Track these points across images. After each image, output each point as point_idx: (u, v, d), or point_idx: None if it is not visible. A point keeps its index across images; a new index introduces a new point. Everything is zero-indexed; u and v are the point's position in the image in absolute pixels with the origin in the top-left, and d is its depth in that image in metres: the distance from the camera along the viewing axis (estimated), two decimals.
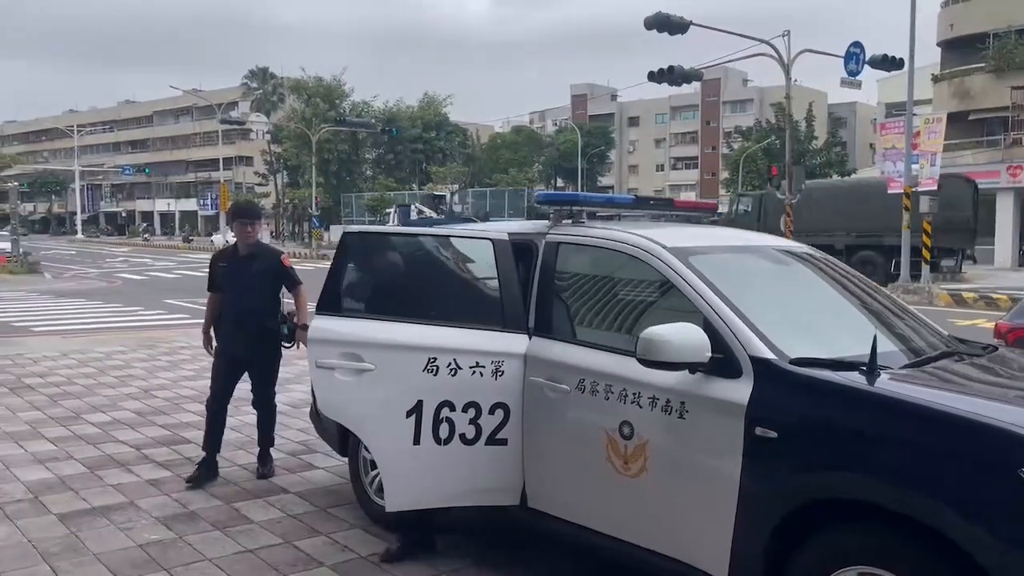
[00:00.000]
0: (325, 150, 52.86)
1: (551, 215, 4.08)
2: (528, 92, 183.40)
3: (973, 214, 21.60)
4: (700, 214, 4.57)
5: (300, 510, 4.82)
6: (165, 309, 16.84)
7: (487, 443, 3.75)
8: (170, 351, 10.84)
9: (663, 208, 4.37)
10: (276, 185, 62.52)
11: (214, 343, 5.63)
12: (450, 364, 3.68)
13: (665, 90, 59.09)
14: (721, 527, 3.02)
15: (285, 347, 5.43)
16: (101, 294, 20.66)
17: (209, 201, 77.47)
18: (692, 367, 3.08)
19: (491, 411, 3.75)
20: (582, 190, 64.33)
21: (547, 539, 3.91)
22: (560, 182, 74.47)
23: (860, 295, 4.00)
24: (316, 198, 46.22)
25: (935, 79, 33.07)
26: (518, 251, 3.97)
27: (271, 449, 5.64)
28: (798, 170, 21.44)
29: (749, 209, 26.96)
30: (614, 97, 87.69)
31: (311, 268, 30.15)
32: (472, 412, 3.72)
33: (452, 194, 54.45)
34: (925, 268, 18.71)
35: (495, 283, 3.87)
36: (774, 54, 20.21)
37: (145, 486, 5.24)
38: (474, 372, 3.71)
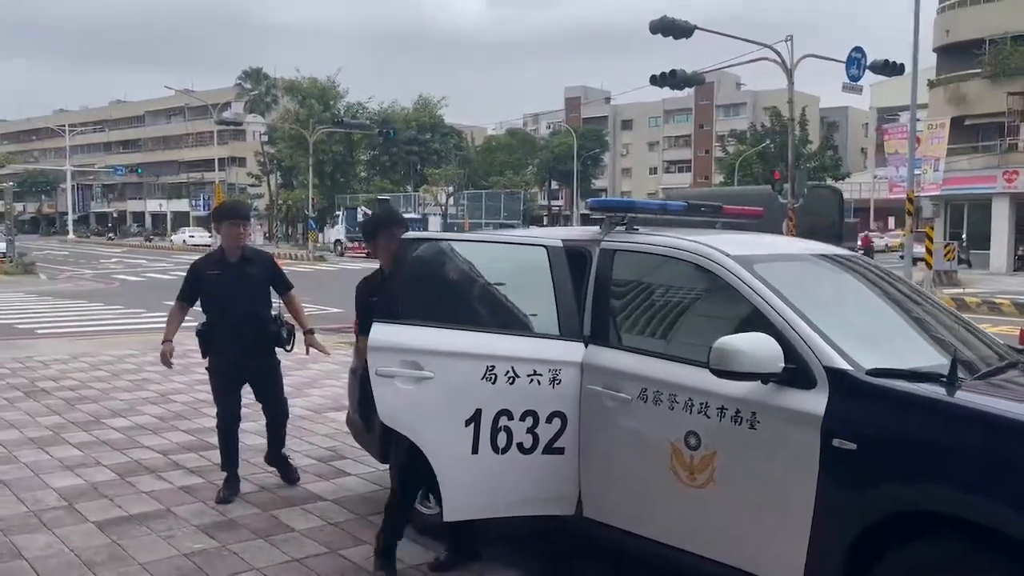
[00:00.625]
0: (320, 151, 52.72)
1: (602, 221, 4.05)
2: (522, 94, 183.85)
3: (839, 219, 23.36)
4: (745, 220, 4.55)
5: (340, 518, 4.78)
6: (168, 311, 16.69)
7: (544, 452, 3.71)
8: (181, 355, 10.64)
9: (713, 215, 4.34)
10: (269, 186, 62.35)
11: (172, 356, 5.33)
12: (508, 372, 3.63)
13: (658, 93, 59.12)
14: (795, 540, 3.00)
15: (285, 351, 5.26)
16: (100, 295, 20.53)
17: (201, 202, 77.21)
18: (765, 377, 3.06)
19: (548, 420, 3.71)
20: (576, 193, 64.45)
21: (602, 549, 3.88)
22: (555, 184, 74.54)
23: (913, 302, 3.99)
24: (312, 200, 46.07)
25: (931, 84, 33.23)
26: (572, 258, 3.95)
27: (284, 451, 5.51)
28: (800, 174, 21.51)
29: None
30: (608, 100, 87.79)
31: (308, 270, 30.08)
32: (530, 421, 3.67)
33: (448, 196, 54.58)
34: (928, 272, 18.80)
35: (550, 290, 3.84)
36: (777, 59, 20.27)
37: (179, 493, 5.19)
38: (532, 380, 3.67)
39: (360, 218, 44.07)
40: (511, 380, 3.63)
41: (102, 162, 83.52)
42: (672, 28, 17.94)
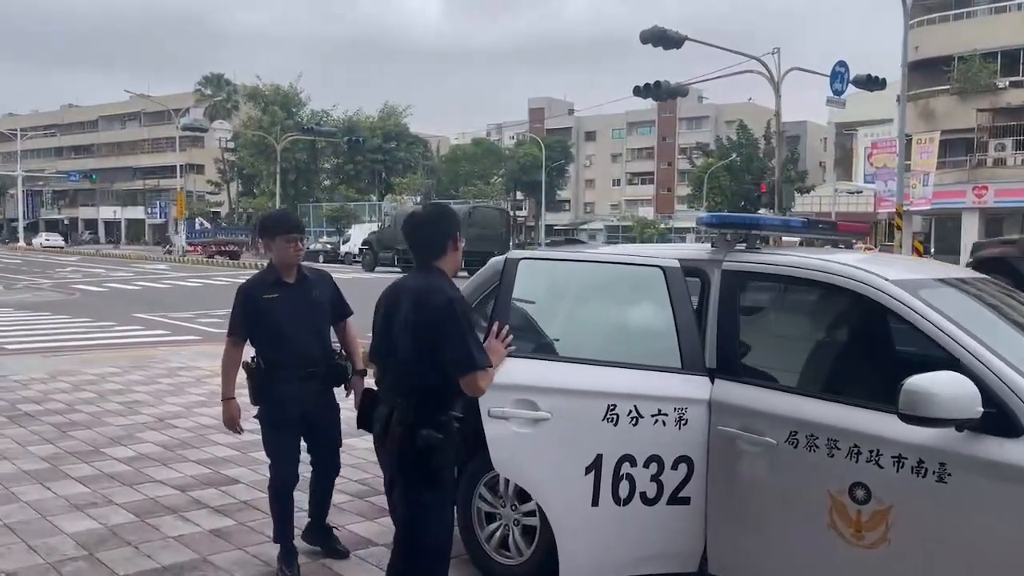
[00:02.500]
0: (283, 159, 51.77)
1: (716, 239, 3.64)
2: (483, 105, 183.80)
3: (505, 231, 31.45)
4: (850, 237, 4.19)
5: None
6: (141, 324, 15.93)
7: (669, 502, 3.30)
8: (168, 372, 10.09)
9: (828, 231, 3.97)
10: (229, 194, 61.04)
11: (241, 416, 4.15)
12: (631, 412, 3.24)
13: (621, 105, 59.66)
14: None
15: (344, 394, 4.26)
16: (64, 307, 19.54)
17: (158, 209, 75.37)
18: (960, 424, 2.67)
19: (674, 466, 3.30)
20: (543, 204, 64.19)
21: None
22: (519, 195, 74.31)
23: None
24: (281, 207, 45.12)
25: (899, 100, 33.68)
26: (689, 279, 3.54)
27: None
28: (787, 188, 21.46)
29: None
30: (571, 111, 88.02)
31: None
32: (654, 467, 3.27)
33: (415, 205, 53.81)
34: None
35: (669, 316, 3.43)
36: (764, 71, 20.20)
37: (211, 538, 4.63)
38: (656, 421, 3.27)
39: (197, 227, 52.61)
40: (634, 421, 3.24)
41: (53, 167, 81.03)
42: (663, 38, 17.74)
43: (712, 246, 3.67)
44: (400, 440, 2.92)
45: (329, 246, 44.78)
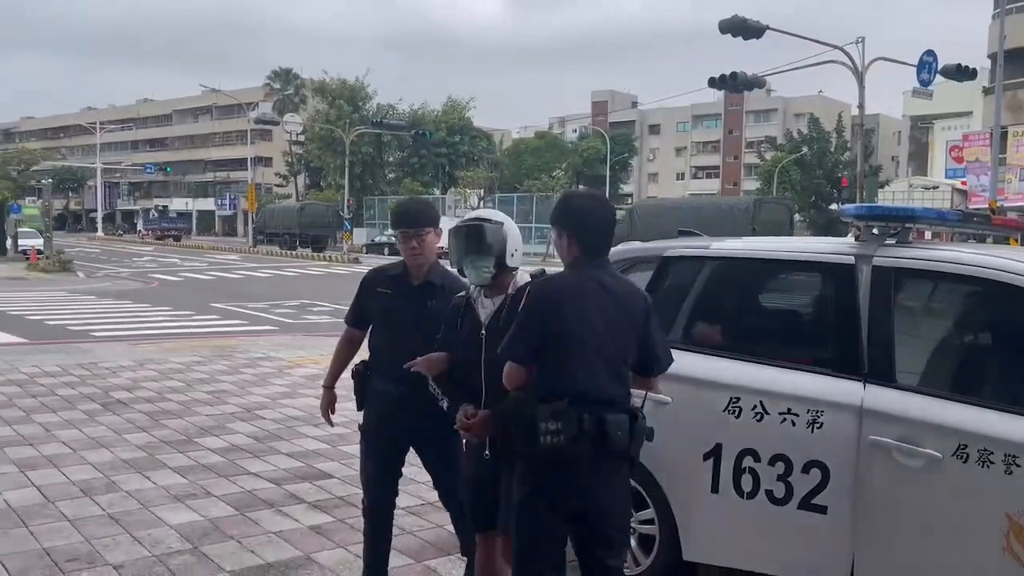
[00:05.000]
0: (350, 152, 52.37)
1: (863, 232, 3.37)
2: (546, 98, 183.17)
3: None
4: (1007, 232, 3.87)
5: None
6: (218, 314, 16.19)
7: (800, 507, 3.13)
8: (250, 363, 10.15)
9: (983, 225, 3.66)
10: (296, 186, 62.03)
11: (333, 410, 3.79)
12: (755, 407, 3.17)
13: (687, 98, 58.64)
14: None
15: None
16: (144, 296, 20.03)
17: (227, 201, 77.19)
18: None
19: (804, 470, 3.13)
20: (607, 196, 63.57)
21: None
22: (582, 188, 73.79)
23: None
24: (349, 200, 45.67)
25: (986, 92, 32.27)
26: (831, 275, 3.30)
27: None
28: (869, 181, 20.72)
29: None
30: (635, 104, 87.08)
31: (345, 272, 29.55)
32: (781, 467, 3.15)
33: (479, 199, 53.93)
34: None
35: (819, 313, 3.27)
36: (847, 61, 19.49)
37: (312, 535, 4.55)
38: (784, 420, 3.14)
39: (151, 217, 65.93)
40: (758, 417, 3.16)
41: (129, 160, 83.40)
42: (743, 28, 17.24)
43: (856, 239, 3.40)
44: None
45: (394, 239, 45.23)
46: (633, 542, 3.82)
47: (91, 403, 7.66)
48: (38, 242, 30.98)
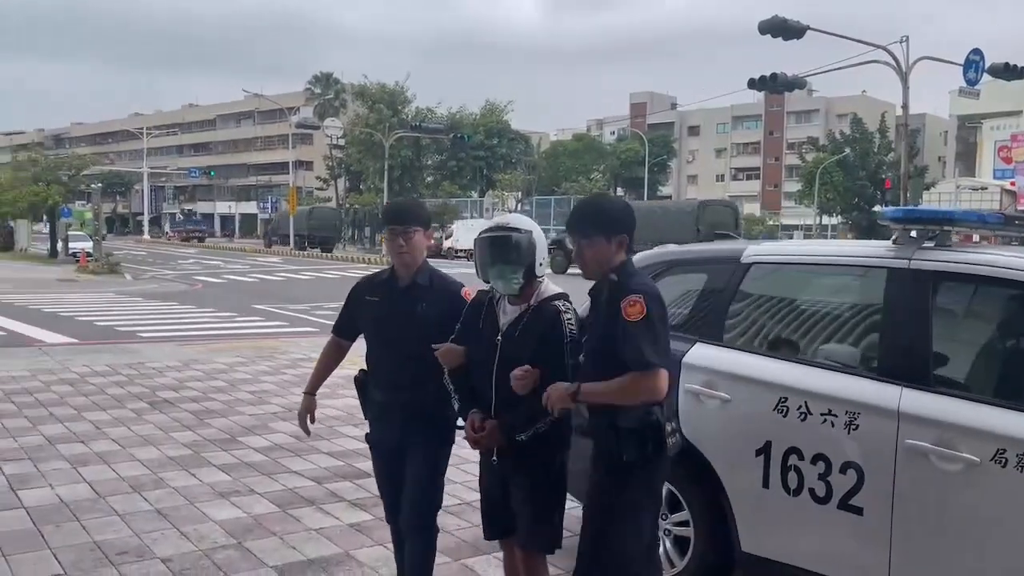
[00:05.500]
0: (389, 156, 52.88)
1: (900, 235, 3.35)
2: (584, 100, 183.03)
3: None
4: None
5: None
6: (260, 316, 16.46)
7: (839, 507, 3.17)
8: (291, 364, 10.33)
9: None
10: (337, 190, 62.69)
11: (312, 419, 3.62)
12: (800, 407, 3.26)
13: (727, 99, 58.17)
14: None
15: (458, 428, 3.34)
16: (189, 297, 20.45)
17: (269, 204, 78.32)
18: None
19: (842, 470, 3.19)
20: (645, 199, 63.37)
21: None
22: (620, 191, 73.56)
23: None
24: (387, 204, 46.18)
25: None
26: (871, 279, 3.32)
27: None
28: (914, 183, 20.37)
29: None
30: (674, 105, 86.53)
31: None
32: (821, 466, 3.21)
33: (517, 202, 54.09)
34: None
35: (856, 316, 3.36)
36: (890, 60, 19.19)
37: (352, 533, 4.64)
38: (824, 420, 3.20)
39: (178, 219, 68.95)
40: (802, 417, 3.24)
41: (174, 164, 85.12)
42: (783, 29, 17.08)
43: (894, 243, 3.39)
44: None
45: (432, 241, 45.64)
46: (668, 543, 3.87)
47: (139, 402, 7.87)
48: (87, 245, 31.80)
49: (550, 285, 3.04)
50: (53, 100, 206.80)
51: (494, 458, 3.04)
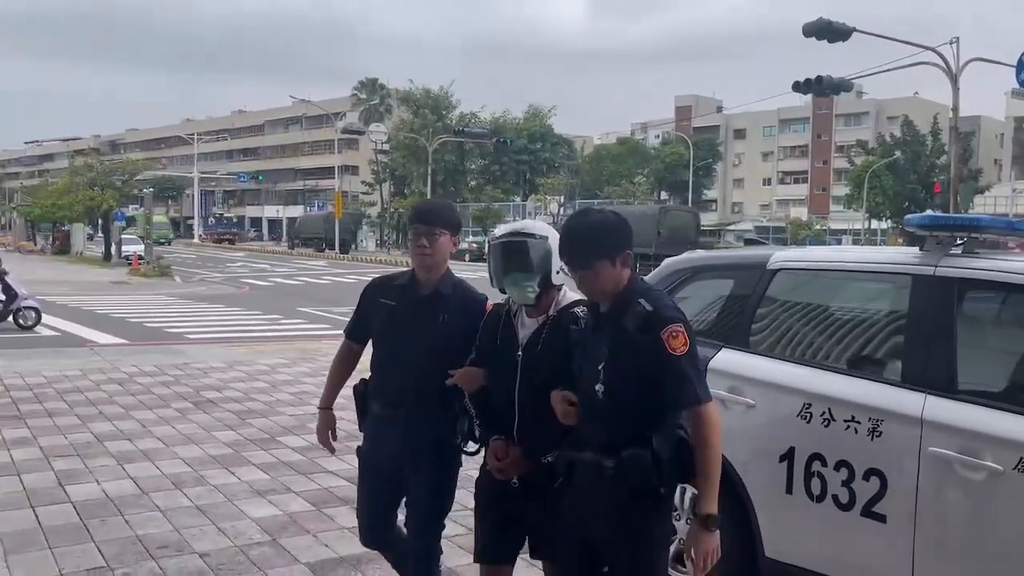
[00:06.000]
0: (432, 160, 53.38)
1: (927, 242, 3.34)
2: (628, 104, 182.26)
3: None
4: None
5: None
6: (304, 318, 16.76)
7: (862, 514, 3.15)
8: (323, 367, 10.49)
9: None
10: (382, 194, 63.41)
11: (336, 434, 3.45)
12: (824, 414, 3.26)
13: (773, 102, 57.50)
14: None
15: (467, 453, 3.11)
16: (236, 300, 20.88)
17: (316, 208, 79.51)
18: None
19: (865, 477, 3.16)
20: (690, 204, 62.94)
21: None
22: (664, 195, 73.12)
23: None
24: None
25: None
26: (896, 286, 3.31)
27: None
28: (965, 187, 19.92)
29: None
30: (720, 108, 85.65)
31: None
32: (844, 473, 3.19)
33: (559, 206, 54.12)
34: None
35: (881, 323, 3.37)
36: (939, 62, 18.81)
37: None
38: (848, 427, 3.19)
39: (210, 223, 71.83)
40: (826, 423, 3.24)
41: (224, 169, 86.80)
42: (828, 31, 16.86)
43: (920, 249, 3.37)
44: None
45: (475, 245, 45.91)
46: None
47: (184, 401, 8.10)
48: (139, 248, 32.67)
49: (568, 292, 2.87)
50: (110, 107, 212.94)
51: (515, 480, 2.85)
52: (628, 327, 2.47)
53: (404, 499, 3.23)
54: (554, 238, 2.78)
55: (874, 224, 54.13)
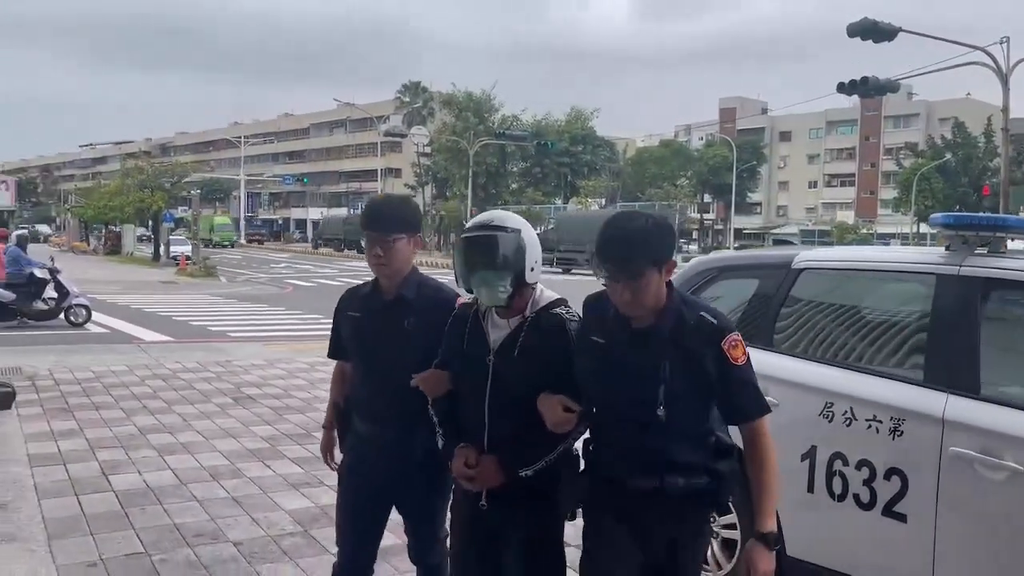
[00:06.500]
0: (474, 163, 53.66)
1: (953, 241, 3.32)
2: (671, 106, 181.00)
3: None
4: None
5: None
6: None
7: (883, 513, 3.16)
8: None
9: None
10: (424, 197, 63.92)
11: (336, 455, 3.21)
12: (845, 413, 3.28)
13: (820, 103, 56.62)
14: None
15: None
16: (280, 300, 21.26)
17: (359, 211, 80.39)
18: None
19: (886, 476, 3.17)
20: (733, 206, 62.31)
21: None
22: (707, 197, 72.49)
23: None
24: (472, 210, 46.86)
25: None
26: (921, 285, 3.30)
27: None
28: (1017, 189, 19.45)
29: None
30: (765, 110, 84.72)
31: None
32: (865, 472, 3.20)
33: (600, 208, 53.92)
34: None
35: (904, 323, 3.38)
36: (989, 62, 18.40)
37: None
38: (869, 426, 3.20)
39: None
40: (847, 422, 3.26)
41: (270, 171, 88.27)
42: (874, 31, 16.61)
43: (946, 249, 3.35)
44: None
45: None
46: (716, 546, 3.91)
47: (224, 397, 8.31)
48: (187, 249, 33.37)
49: (546, 291, 2.58)
50: (160, 111, 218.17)
51: (483, 502, 2.53)
52: (687, 342, 2.28)
53: (394, 524, 3.00)
54: (529, 232, 2.52)
55: (923, 228, 53.01)
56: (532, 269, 2.51)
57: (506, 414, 2.50)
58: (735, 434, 2.47)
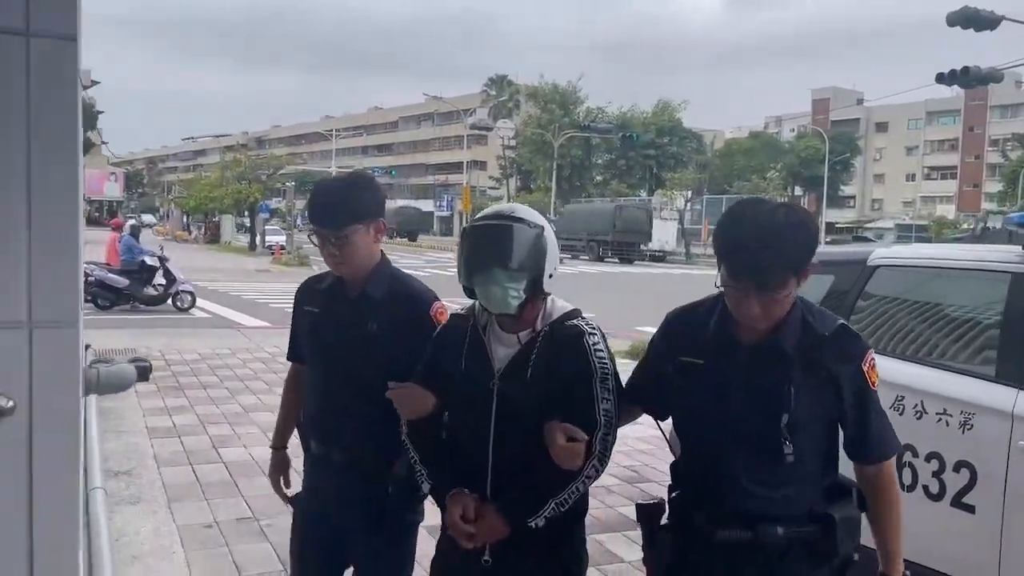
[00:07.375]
0: (559, 155, 53.85)
1: None
2: (761, 97, 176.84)
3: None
4: None
5: None
6: None
7: (952, 504, 3.25)
8: None
9: None
10: (508, 189, 64.46)
11: (290, 481, 2.74)
12: (916, 406, 3.36)
13: (919, 93, 54.46)
14: None
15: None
16: None
17: (445, 203, 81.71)
18: None
19: (955, 469, 3.25)
20: (824, 199, 60.59)
21: None
22: (798, 190, 70.67)
23: None
24: (555, 203, 47.09)
25: None
26: (994, 283, 3.37)
27: None
28: None
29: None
30: (860, 101, 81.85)
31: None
32: (935, 464, 3.29)
33: (686, 201, 53.35)
34: None
35: (977, 320, 3.48)
36: None
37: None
38: (940, 420, 3.29)
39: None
40: (918, 415, 3.34)
41: (360, 164, 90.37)
42: (975, 20, 16.00)
43: (1023, 248, 3.41)
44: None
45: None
46: None
47: None
48: (282, 239, 34.69)
49: (559, 301, 2.16)
50: (258, 105, 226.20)
51: (487, 558, 2.07)
52: (821, 358, 1.90)
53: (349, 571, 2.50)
54: (550, 233, 2.09)
55: None
56: (551, 276, 2.08)
57: (515, 451, 2.04)
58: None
